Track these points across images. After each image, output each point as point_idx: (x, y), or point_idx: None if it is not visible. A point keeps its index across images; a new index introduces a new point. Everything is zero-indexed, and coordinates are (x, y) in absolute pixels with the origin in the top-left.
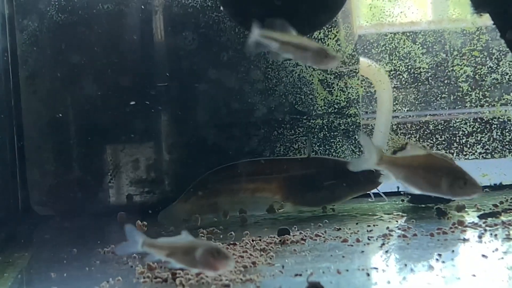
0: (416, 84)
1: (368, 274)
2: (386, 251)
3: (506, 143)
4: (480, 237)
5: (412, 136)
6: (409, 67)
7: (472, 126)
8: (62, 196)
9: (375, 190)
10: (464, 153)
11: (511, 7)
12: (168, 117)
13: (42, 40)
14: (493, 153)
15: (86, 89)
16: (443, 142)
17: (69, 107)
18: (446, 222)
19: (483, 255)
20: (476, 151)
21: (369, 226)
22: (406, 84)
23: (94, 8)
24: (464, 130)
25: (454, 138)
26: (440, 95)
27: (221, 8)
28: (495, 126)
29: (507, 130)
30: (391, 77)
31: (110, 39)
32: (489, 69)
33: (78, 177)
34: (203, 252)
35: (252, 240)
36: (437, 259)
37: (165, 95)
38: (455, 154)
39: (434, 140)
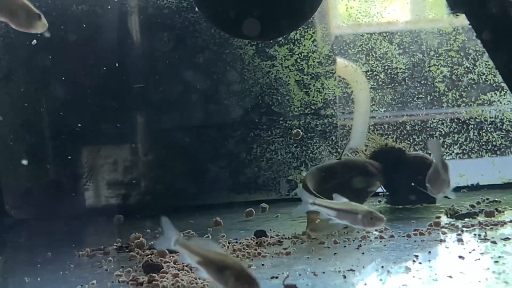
0: (393, 84)
1: (344, 276)
2: (363, 253)
3: (483, 143)
4: (457, 238)
5: (389, 137)
6: (386, 68)
7: (449, 126)
8: (37, 199)
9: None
10: (441, 153)
11: (486, 8)
12: (144, 119)
13: (15, 42)
14: (470, 153)
15: (60, 91)
16: (420, 143)
17: (43, 109)
18: (423, 223)
19: (460, 256)
20: (453, 152)
21: (346, 227)
22: (383, 84)
23: (68, 10)
24: (441, 130)
25: (431, 139)
26: (417, 96)
27: (196, 9)
28: (472, 126)
29: (483, 130)
30: (368, 77)
31: (85, 40)
32: (466, 69)
33: (53, 180)
34: (233, 277)
35: (229, 243)
36: (413, 261)
37: (141, 97)
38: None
39: (411, 140)
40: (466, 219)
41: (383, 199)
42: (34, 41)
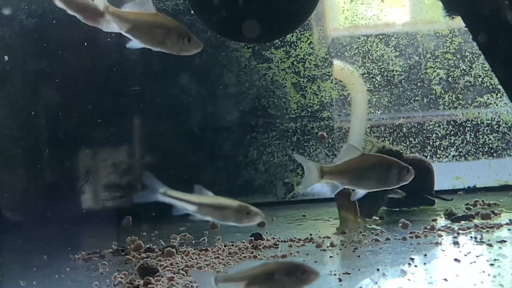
0: (389, 86)
1: (340, 279)
2: (359, 256)
3: (480, 145)
4: (452, 240)
5: (386, 139)
6: (383, 70)
7: (445, 128)
8: (33, 202)
9: None
10: (438, 155)
11: (482, 10)
12: (140, 122)
13: (13, 44)
14: (466, 155)
15: (57, 94)
16: (417, 145)
17: (40, 112)
18: (419, 226)
19: (456, 259)
20: (449, 154)
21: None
22: (380, 87)
23: (64, 12)
24: (438, 132)
25: (428, 141)
26: (413, 98)
27: (192, 12)
28: (469, 128)
29: (480, 133)
30: (365, 80)
31: (81, 43)
32: (462, 71)
33: (49, 183)
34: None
35: (225, 246)
36: (409, 264)
37: (137, 99)
38: (428, 157)
39: (407, 143)
40: (462, 222)
41: None
42: (6, 58)
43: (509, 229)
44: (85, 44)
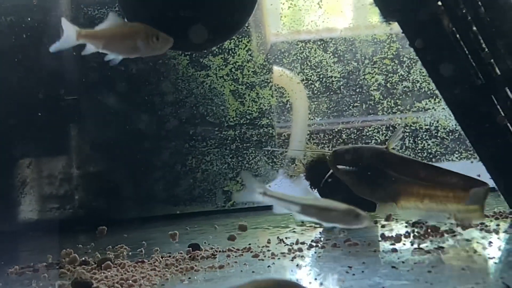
0: (328, 92)
1: None
2: (297, 265)
3: (418, 150)
4: (391, 248)
5: (326, 145)
6: (321, 76)
7: (384, 134)
8: None
9: None
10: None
11: (418, 15)
12: (76, 131)
13: None
14: None
15: None
16: None
17: None
18: (359, 234)
19: (393, 267)
20: None
21: (281, 239)
22: (318, 93)
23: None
24: (377, 138)
25: None
26: (352, 104)
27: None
28: (407, 134)
29: (419, 138)
30: (305, 85)
31: (16, 51)
32: (400, 77)
33: None
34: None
35: (161, 257)
36: (347, 272)
37: (74, 108)
38: None
39: None
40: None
41: None
42: None
43: (449, 235)
44: (20, 53)
